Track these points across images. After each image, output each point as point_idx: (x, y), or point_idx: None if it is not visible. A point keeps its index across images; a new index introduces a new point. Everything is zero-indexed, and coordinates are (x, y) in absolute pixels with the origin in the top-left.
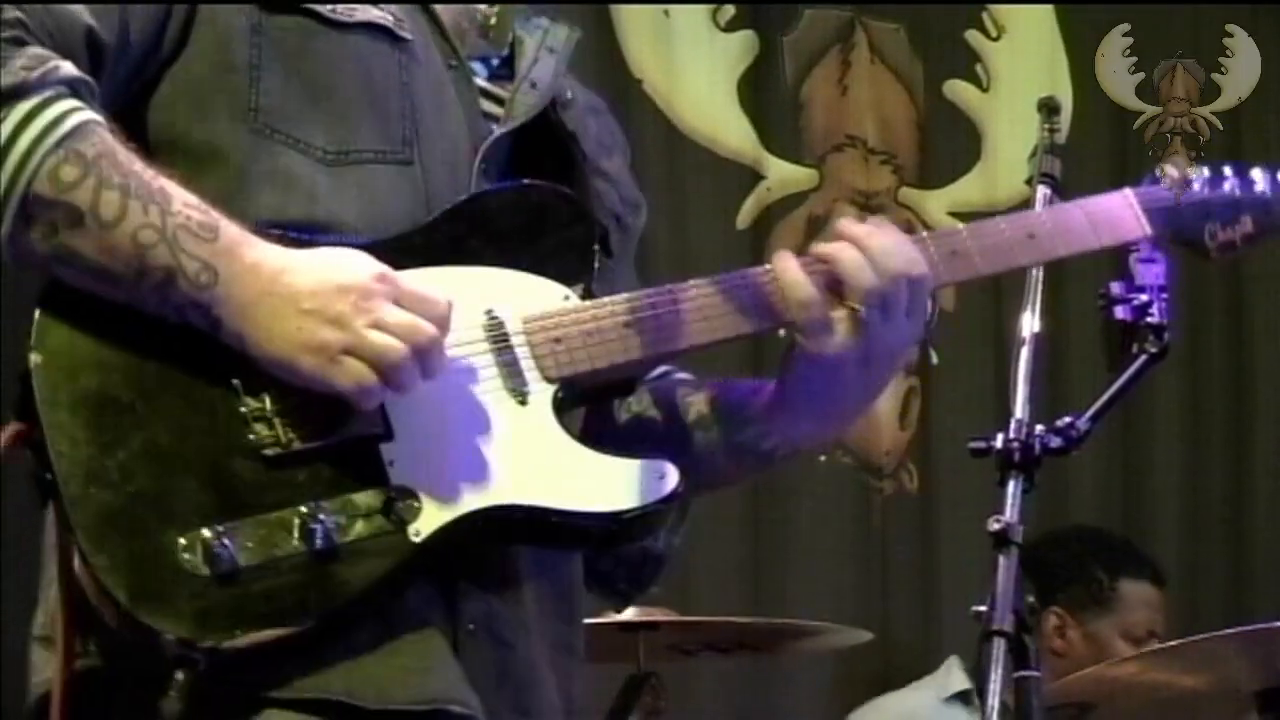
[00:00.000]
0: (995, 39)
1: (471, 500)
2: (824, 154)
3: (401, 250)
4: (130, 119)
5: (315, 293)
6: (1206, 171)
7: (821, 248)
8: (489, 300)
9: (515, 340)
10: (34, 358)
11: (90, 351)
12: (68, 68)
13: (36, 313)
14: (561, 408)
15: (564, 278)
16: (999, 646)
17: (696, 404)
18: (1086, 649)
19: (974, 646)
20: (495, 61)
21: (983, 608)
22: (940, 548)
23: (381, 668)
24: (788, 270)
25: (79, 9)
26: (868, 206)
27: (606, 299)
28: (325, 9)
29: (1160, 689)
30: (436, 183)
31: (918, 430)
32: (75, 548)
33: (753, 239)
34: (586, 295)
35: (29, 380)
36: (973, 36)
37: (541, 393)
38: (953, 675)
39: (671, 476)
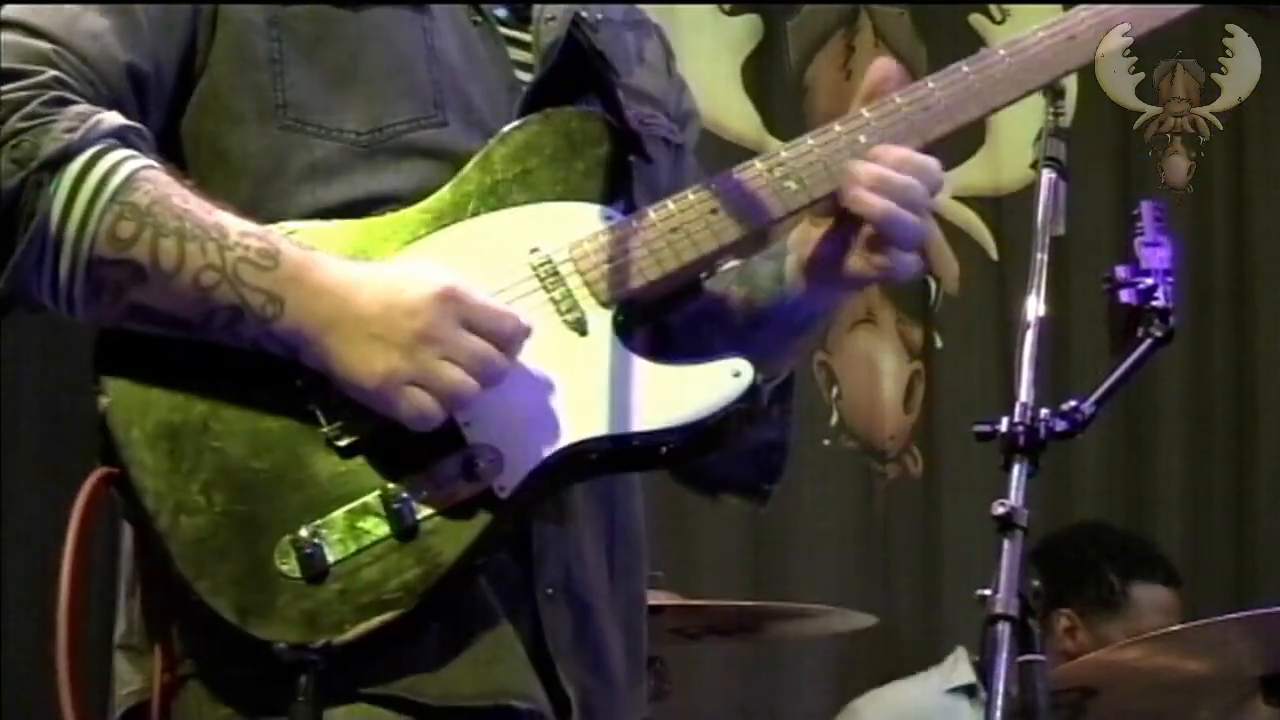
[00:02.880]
0: (999, 23)
1: (551, 443)
2: None
3: (438, 211)
4: (174, 133)
5: (381, 317)
6: None
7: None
8: (532, 238)
9: (565, 271)
10: (103, 401)
11: (155, 382)
12: (111, 119)
13: (95, 353)
14: (626, 328)
15: (603, 197)
16: (1003, 630)
17: (735, 312)
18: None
19: (978, 631)
20: (520, 4)
21: (987, 591)
22: (944, 532)
23: (448, 661)
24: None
25: (113, 48)
26: None
27: (648, 208)
28: None
29: (1164, 674)
30: (474, 140)
31: (922, 414)
32: (176, 577)
33: None
34: (630, 209)
35: (105, 423)
36: (977, 20)
37: (600, 319)
38: (959, 668)
39: (746, 371)
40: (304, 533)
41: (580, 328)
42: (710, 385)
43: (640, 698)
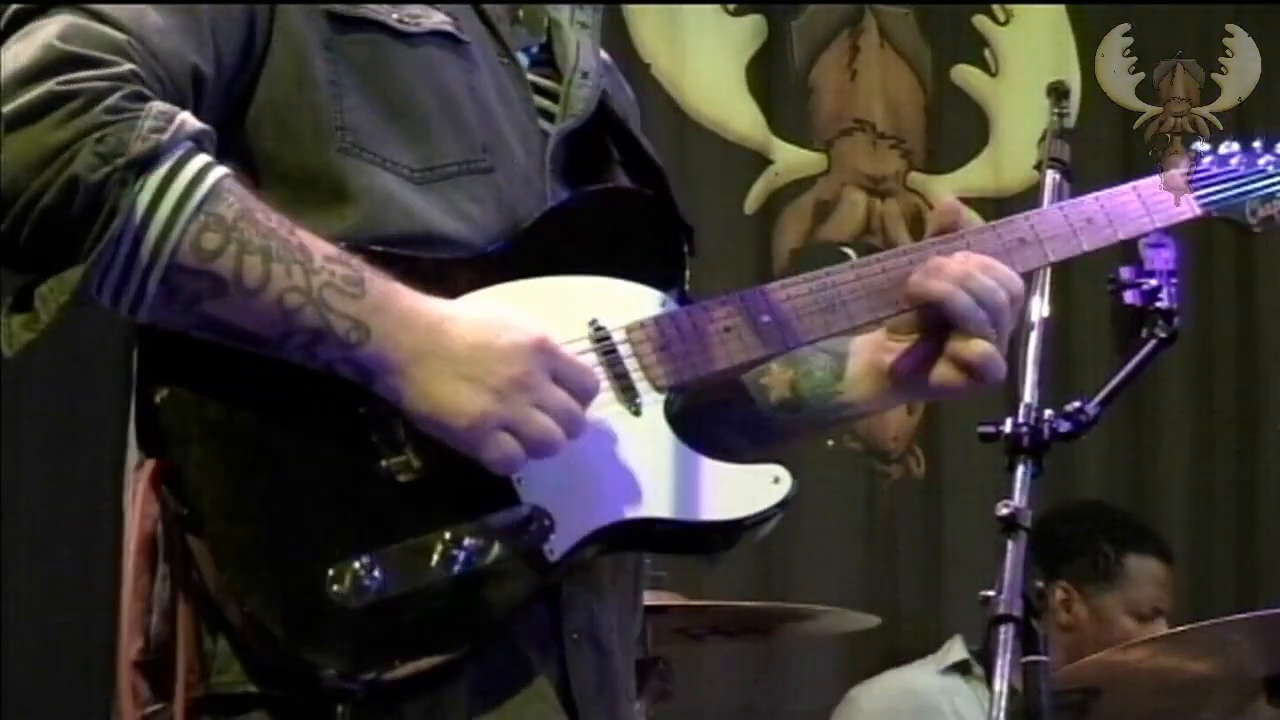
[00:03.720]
0: (1003, 24)
1: (603, 515)
2: (832, 138)
3: (499, 263)
4: (222, 142)
5: (474, 358)
6: (1238, 147)
7: (927, 288)
8: (591, 310)
9: (623, 350)
10: (157, 393)
11: (211, 383)
12: (192, 122)
13: (143, 348)
14: (671, 414)
15: (660, 283)
16: (1007, 631)
17: (777, 387)
18: (1092, 624)
19: (981, 631)
20: (535, 49)
21: (990, 592)
22: (947, 532)
23: (479, 706)
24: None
25: (181, 48)
26: (876, 191)
27: (704, 303)
28: (393, 20)
29: (1169, 674)
30: (515, 186)
31: (925, 415)
32: (226, 585)
33: (761, 223)
34: (682, 298)
35: (153, 416)
36: (981, 22)
37: (654, 403)
38: (953, 650)
39: (785, 481)
40: (362, 562)
41: (634, 408)
42: (754, 489)
43: None
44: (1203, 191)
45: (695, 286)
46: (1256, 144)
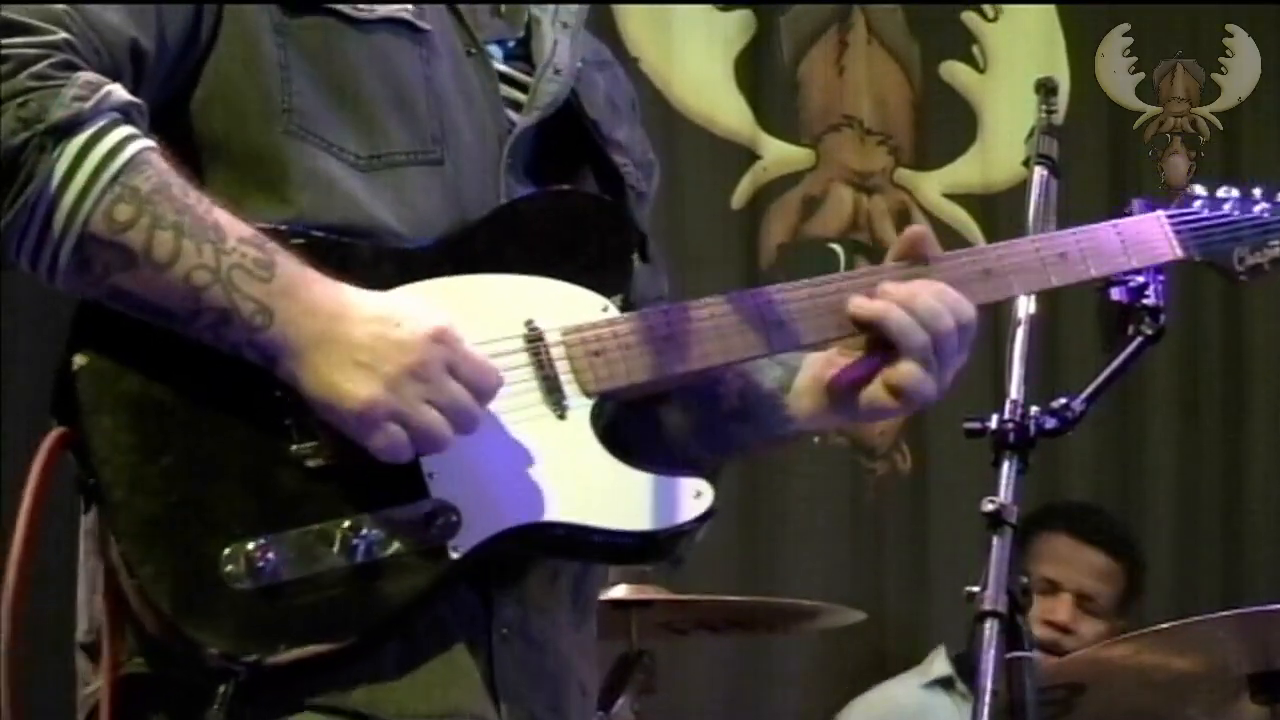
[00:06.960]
0: (992, 20)
1: (511, 516)
2: (820, 134)
3: (441, 257)
4: (169, 120)
5: (371, 346)
6: (1236, 193)
7: (866, 308)
8: (528, 310)
9: (555, 353)
10: (76, 359)
11: (132, 355)
12: (119, 93)
13: (76, 313)
14: (599, 420)
15: (603, 288)
16: (992, 628)
17: (728, 396)
18: None
19: (966, 627)
20: (511, 43)
21: (976, 588)
22: (933, 528)
23: (404, 681)
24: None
25: (122, 21)
26: (863, 187)
27: (644, 311)
28: (346, 7)
29: (1153, 671)
30: (466, 179)
31: None
32: (120, 556)
33: (748, 218)
34: (625, 305)
35: (70, 382)
36: (969, 18)
37: (580, 407)
38: (935, 664)
39: (706, 495)
40: (258, 543)
41: (560, 411)
42: (674, 501)
43: None
44: (1189, 234)
45: (683, 280)
46: (1256, 191)
